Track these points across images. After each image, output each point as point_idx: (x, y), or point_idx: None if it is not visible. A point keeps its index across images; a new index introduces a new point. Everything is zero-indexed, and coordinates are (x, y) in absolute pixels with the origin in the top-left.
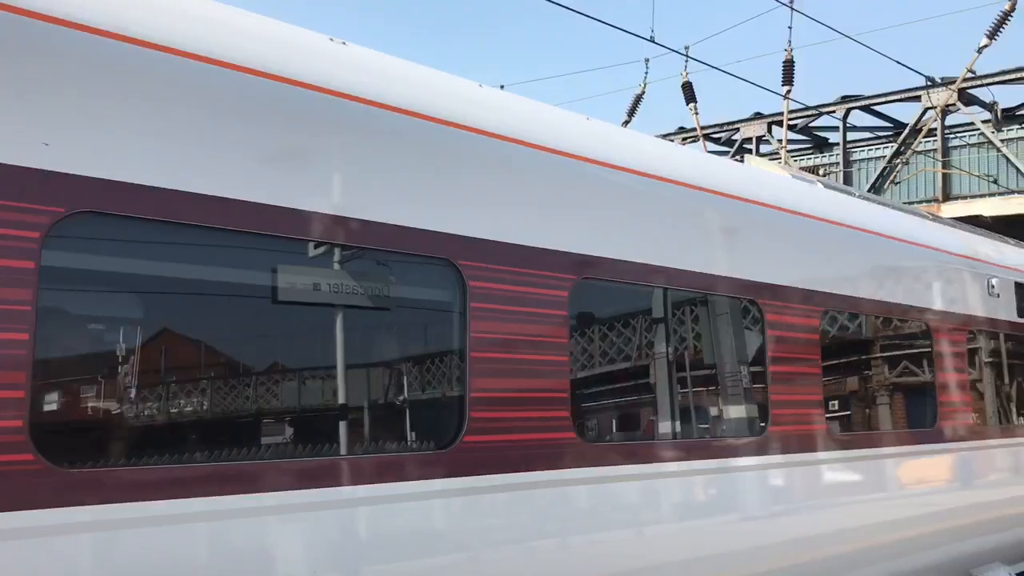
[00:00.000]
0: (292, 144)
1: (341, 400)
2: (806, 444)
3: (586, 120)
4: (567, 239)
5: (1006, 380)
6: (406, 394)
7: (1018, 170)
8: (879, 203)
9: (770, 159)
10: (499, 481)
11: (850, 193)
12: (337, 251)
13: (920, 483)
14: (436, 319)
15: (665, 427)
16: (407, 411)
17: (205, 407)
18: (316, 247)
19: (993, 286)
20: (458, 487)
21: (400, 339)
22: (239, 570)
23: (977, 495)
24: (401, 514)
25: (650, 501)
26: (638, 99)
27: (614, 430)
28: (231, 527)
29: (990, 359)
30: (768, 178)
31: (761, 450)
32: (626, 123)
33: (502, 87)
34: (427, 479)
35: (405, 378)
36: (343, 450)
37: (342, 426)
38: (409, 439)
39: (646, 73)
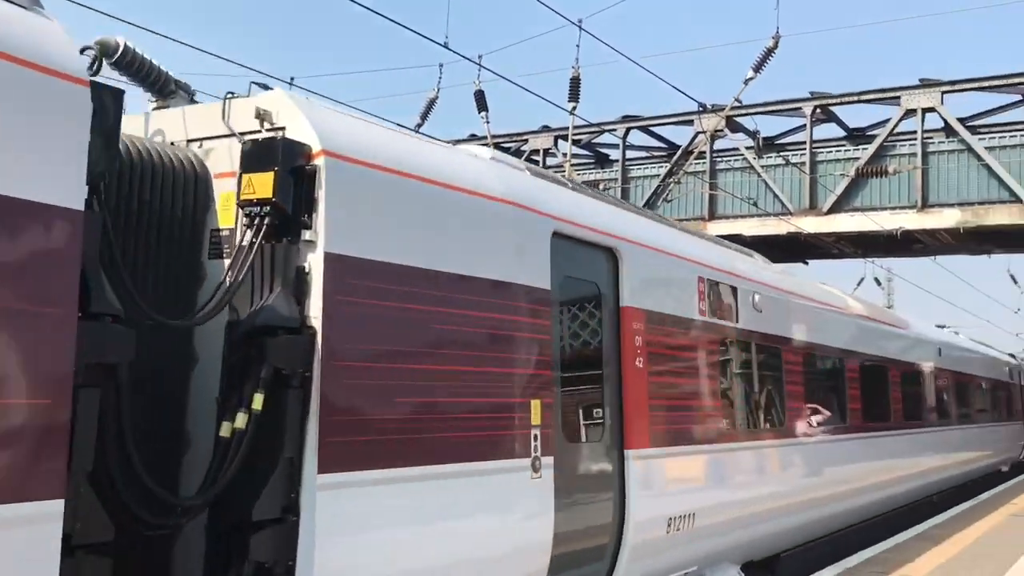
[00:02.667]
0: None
1: None
2: None
3: None
4: None
5: None
6: None
7: (775, 195)
8: None
9: (555, 171)
10: None
11: None
12: None
13: None
14: None
15: None
16: None
17: None
18: None
19: None
20: None
21: None
22: None
23: None
24: None
25: None
26: (431, 103)
27: None
28: None
29: None
30: None
31: None
32: (418, 127)
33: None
34: None
35: None
36: None
37: None
38: None
39: (440, 78)
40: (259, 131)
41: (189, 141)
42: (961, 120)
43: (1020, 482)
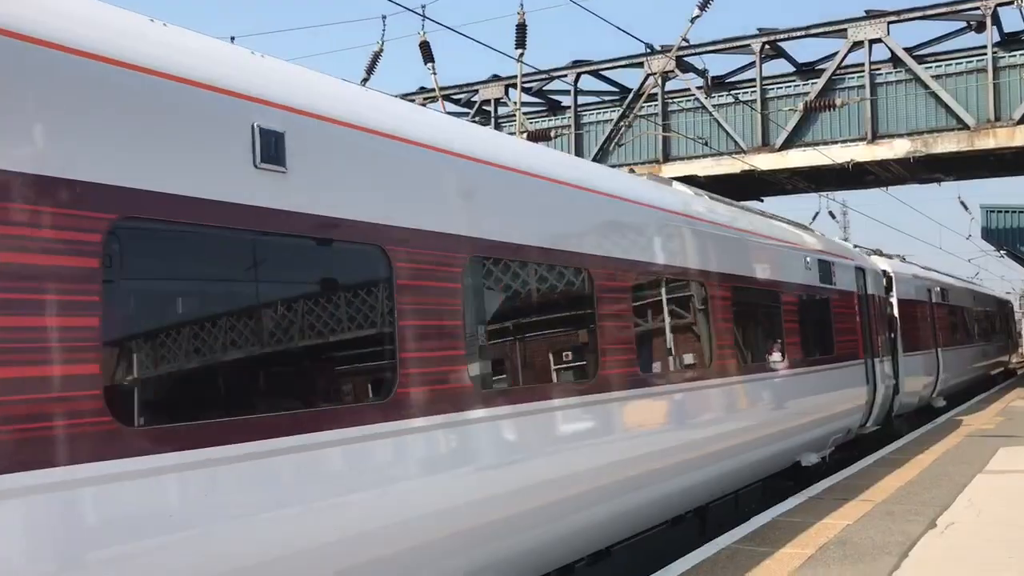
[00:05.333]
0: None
1: None
2: None
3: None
4: None
5: None
6: None
7: (728, 133)
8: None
9: (507, 120)
10: None
11: None
12: None
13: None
14: None
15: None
16: None
17: None
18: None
19: None
20: None
21: None
22: None
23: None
24: None
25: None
26: (376, 57)
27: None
28: None
29: None
30: None
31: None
32: (365, 81)
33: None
34: None
35: None
36: None
37: None
38: None
39: (383, 31)
40: None
41: None
42: (907, 50)
43: (977, 401)
